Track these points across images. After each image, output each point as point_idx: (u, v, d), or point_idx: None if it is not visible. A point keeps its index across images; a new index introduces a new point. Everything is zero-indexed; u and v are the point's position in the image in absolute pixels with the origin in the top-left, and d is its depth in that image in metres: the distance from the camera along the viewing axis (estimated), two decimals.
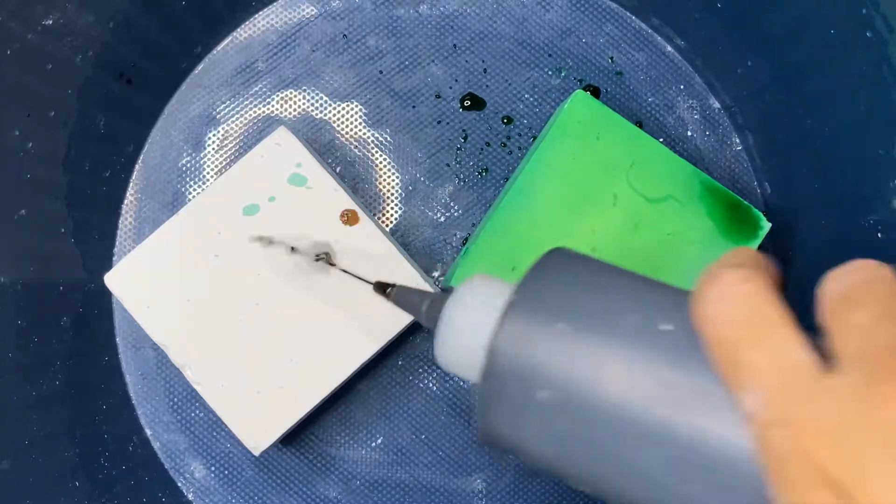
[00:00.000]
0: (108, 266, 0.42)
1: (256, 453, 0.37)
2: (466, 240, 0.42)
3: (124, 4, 0.38)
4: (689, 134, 0.42)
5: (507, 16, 0.43)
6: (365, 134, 0.42)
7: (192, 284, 0.38)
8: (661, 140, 0.42)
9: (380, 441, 0.41)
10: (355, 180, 0.42)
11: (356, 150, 0.42)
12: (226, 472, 0.41)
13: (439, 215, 0.42)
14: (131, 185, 0.43)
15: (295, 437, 0.41)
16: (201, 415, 0.42)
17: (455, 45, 0.43)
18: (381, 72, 0.43)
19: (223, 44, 0.43)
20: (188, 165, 0.43)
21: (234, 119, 0.43)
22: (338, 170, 0.42)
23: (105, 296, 0.42)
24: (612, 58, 0.42)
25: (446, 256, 0.42)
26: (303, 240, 0.38)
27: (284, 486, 0.41)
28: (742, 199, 0.37)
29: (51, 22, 0.35)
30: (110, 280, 0.38)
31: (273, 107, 0.43)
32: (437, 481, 0.41)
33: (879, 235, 0.31)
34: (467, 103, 0.42)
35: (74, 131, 0.39)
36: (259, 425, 0.37)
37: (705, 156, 0.42)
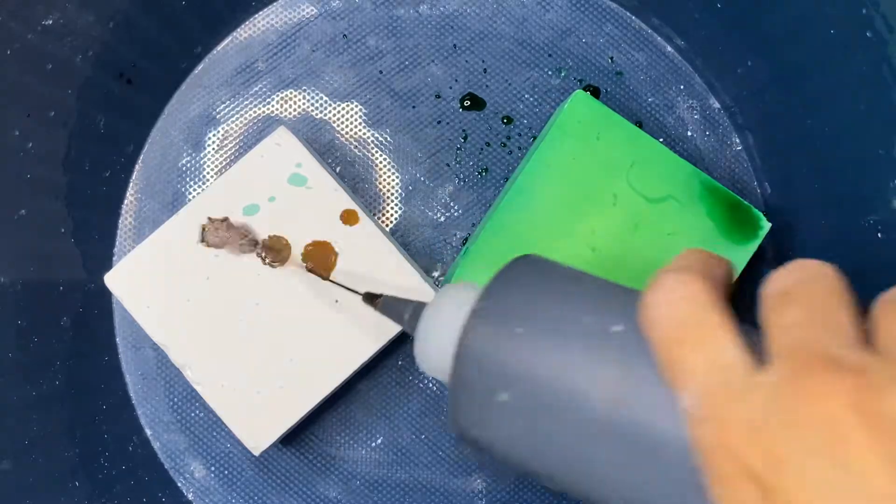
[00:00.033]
0: (108, 266, 0.42)
1: (256, 453, 0.37)
2: (466, 240, 0.42)
3: (124, 4, 0.38)
4: (689, 134, 0.42)
5: (507, 16, 0.43)
6: (365, 134, 0.42)
7: (192, 284, 0.38)
8: (661, 140, 0.42)
9: (380, 441, 0.41)
10: (355, 180, 0.42)
11: (356, 150, 0.42)
12: (226, 472, 0.41)
13: (439, 215, 0.42)
14: (131, 185, 0.43)
15: (295, 437, 0.41)
16: (201, 415, 0.42)
17: (455, 45, 0.43)
18: (381, 72, 0.43)
19: (223, 44, 0.43)
20: (188, 165, 0.43)
21: (234, 119, 0.43)
22: (338, 170, 0.42)
23: (105, 296, 0.42)
24: (612, 58, 0.42)
25: (446, 256, 0.42)
26: (301, 241, 0.38)
27: (284, 486, 0.41)
28: (742, 199, 0.37)
29: (51, 22, 0.35)
30: (110, 280, 0.38)
31: (273, 107, 0.43)
32: (437, 481, 0.41)
33: (879, 235, 0.31)
34: (467, 103, 0.42)
35: (74, 131, 0.39)
36: (259, 425, 0.37)
37: (705, 156, 0.42)
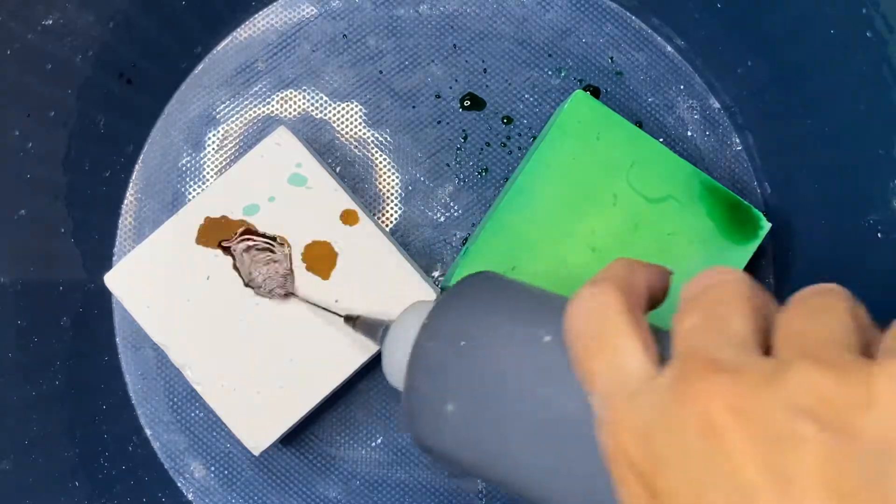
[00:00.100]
0: (108, 266, 0.42)
1: (256, 453, 0.37)
2: (466, 240, 0.42)
3: (124, 4, 0.38)
4: (689, 134, 0.42)
5: (507, 16, 0.43)
6: (365, 134, 0.42)
7: (192, 284, 0.38)
8: (661, 140, 0.42)
9: (380, 441, 0.41)
10: (355, 180, 0.42)
11: (356, 150, 0.42)
12: (226, 472, 0.41)
13: (439, 215, 0.42)
14: (131, 185, 0.43)
15: (295, 437, 0.41)
16: (201, 415, 0.42)
17: (455, 45, 0.43)
18: (381, 72, 0.43)
19: (223, 44, 0.43)
20: (188, 165, 0.43)
21: (234, 119, 0.43)
22: (338, 170, 0.42)
23: (105, 296, 0.42)
24: (612, 58, 0.42)
25: (446, 256, 0.42)
26: (301, 241, 0.38)
27: (284, 486, 0.41)
28: (742, 199, 0.37)
29: (51, 22, 0.35)
30: (110, 280, 0.38)
31: (273, 107, 0.43)
32: (437, 481, 0.41)
33: (879, 235, 0.31)
34: (467, 103, 0.42)
35: (74, 131, 0.39)
36: (259, 425, 0.37)
37: (705, 156, 0.42)
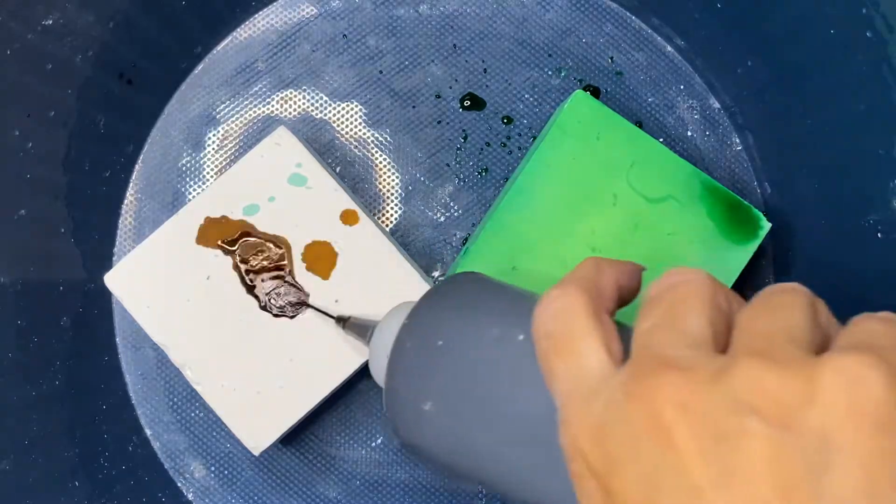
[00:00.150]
0: (108, 266, 0.42)
1: (256, 453, 0.37)
2: (466, 240, 0.42)
3: (124, 4, 0.38)
4: (689, 134, 0.42)
5: (507, 16, 0.43)
6: (365, 134, 0.42)
7: (192, 284, 0.38)
8: (661, 140, 0.42)
9: (380, 441, 0.41)
10: (355, 180, 0.42)
11: (356, 150, 0.42)
12: (226, 472, 0.41)
13: (439, 215, 0.42)
14: (131, 185, 0.43)
15: (295, 437, 0.41)
16: (201, 415, 0.42)
17: (455, 45, 0.43)
18: (381, 72, 0.43)
19: (223, 44, 0.43)
20: (188, 165, 0.43)
21: (234, 119, 0.43)
22: (338, 170, 0.42)
23: (105, 296, 0.42)
24: (612, 58, 0.42)
25: (446, 256, 0.42)
26: (301, 241, 0.38)
27: (284, 486, 0.41)
28: (742, 199, 0.37)
29: (51, 22, 0.35)
30: (110, 280, 0.38)
31: (273, 107, 0.43)
32: (437, 481, 0.41)
33: (879, 235, 0.31)
34: (467, 103, 0.42)
35: (74, 131, 0.39)
36: (259, 425, 0.37)
37: (705, 156, 0.42)
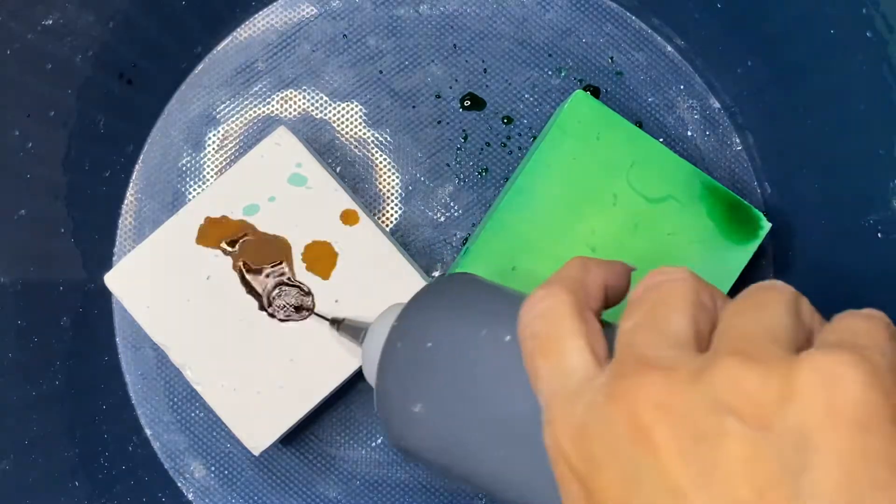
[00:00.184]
0: (108, 266, 0.42)
1: (256, 453, 0.37)
2: (466, 240, 0.42)
3: (124, 4, 0.38)
4: (689, 134, 0.42)
5: (507, 16, 0.43)
6: (365, 134, 0.42)
7: (192, 284, 0.38)
8: (661, 140, 0.42)
9: (380, 441, 0.41)
10: (355, 180, 0.42)
11: (356, 150, 0.42)
12: (226, 472, 0.41)
13: (439, 215, 0.42)
14: (131, 185, 0.43)
15: (295, 437, 0.41)
16: (201, 415, 0.42)
17: (455, 45, 0.43)
18: (381, 72, 0.43)
19: (223, 44, 0.43)
20: (188, 165, 0.43)
21: (234, 119, 0.43)
22: (338, 170, 0.42)
23: (105, 296, 0.42)
24: (612, 58, 0.42)
25: (446, 256, 0.42)
26: (301, 241, 0.38)
27: (284, 486, 0.41)
28: (742, 199, 0.37)
29: (51, 22, 0.35)
30: (110, 280, 0.38)
31: (273, 107, 0.43)
32: (437, 481, 0.41)
33: (879, 235, 0.31)
34: (467, 103, 0.42)
35: (74, 131, 0.39)
36: (259, 425, 0.37)
37: (705, 156, 0.42)
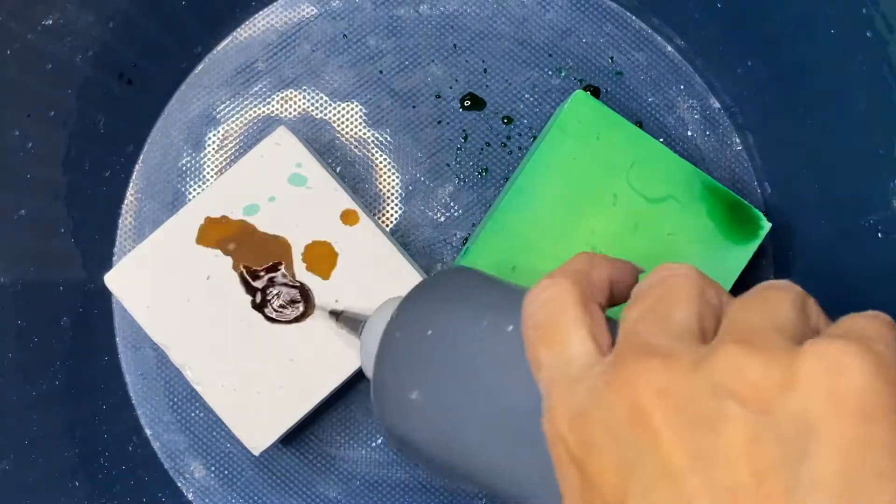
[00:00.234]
0: (108, 266, 0.42)
1: (256, 453, 0.37)
2: (466, 240, 0.42)
3: (124, 4, 0.38)
4: (689, 134, 0.42)
5: (507, 16, 0.43)
6: (365, 134, 0.42)
7: (192, 284, 0.38)
8: (661, 140, 0.42)
9: (380, 441, 0.41)
10: (355, 180, 0.42)
11: (356, 150, 0.42)
12: (226, 472, 0.41)
13: (439, 215, 0.42)
14: (131, 185, 0.43)
15: (295, 437, 0.41)
16: (201, 415, 0.42)
17: (455, 45, 0.43)
18: (381, 72, 0.43)
19: (223, 44, 0.43)
20: (188, 165, 0.43)
21: (234, 119, 0.43)
22: (338, 170, 0.42)
23: (105, 296, 0.42)
24: (612, 58, 0.42)
25: (446, 256, 0.42)
26: (301, 241, 0.38)
27: (284, 486, 0.41)
28: (742, 199, 0.37)
29: (51, 22, 0.35)
30: (110, 280, 0.38)
31: (273, 107, 0.43)
32: (437, 481, 0.41)
33: (879, 235, 0.31)
34: (467, 103, 0.42)
35: (74, 131, 0.39)
36: (259, 425, 0.37)
37: (705, 156, 0.42)
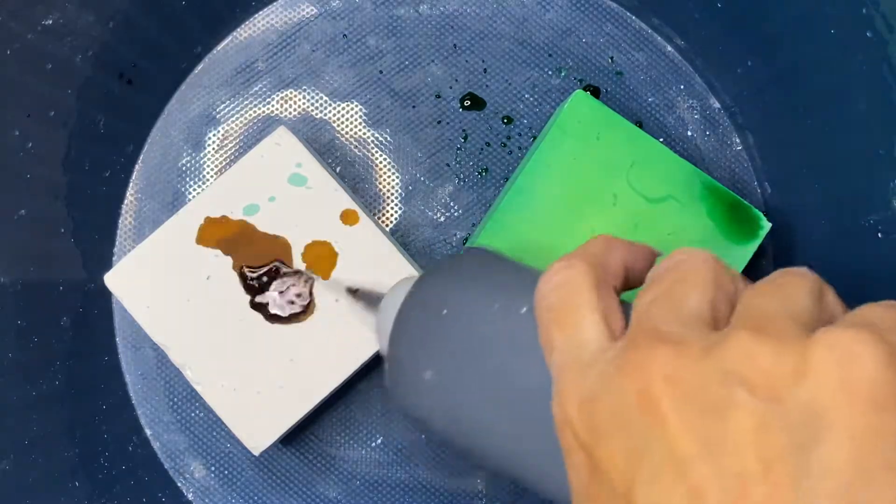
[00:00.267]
0: (108, 266, 0.42)
1: (256, 453, 0.37)
2: (466, 240, 0.42)
3: (124, 4, 0.38)
4: (689, 134, 0.42)
5: (507, 16, 0.43)
6: (365, 134, 0.42)
7: (192, 284, 0.38)
8: (661, 140, 0.42)
9: (380, 441, 0.41)
10: (355, 180, 0.42)
11: (356, 150, 0.42)
12: (226, 472, 0.41)
13: (439, 215, 0.42)
14: (131, 185, 0.43)
15: (295, 437, 0.41)
16: (201, 415, 0.42)
17: (455, 45, 0.43)
18: (381, 72, 0.43)
19: (223, 44, 0.43)
20: (188, 165, 0.43)
21: (234, 119, 0.43)
22: (338, 170, 0.42)
23: (105, 296, 0.42)
24: (612, 58, 0.42)
25: None
26: (301, 241, 0.38)
27: (284, 486, 0.41)
28: (742, 199, 0.37)
29: (51, 22, 0.35)
30: (110, 280, 0.38)
31: (273, 107, 0.43)
32: (437, 481, 0.41)
33: (879, 235, 0.31)
34: (467, 103, 0.42)
35: (74, 131, 0.39)
36: (259, 425, 0.37)
37: (705, 156, 0.42)
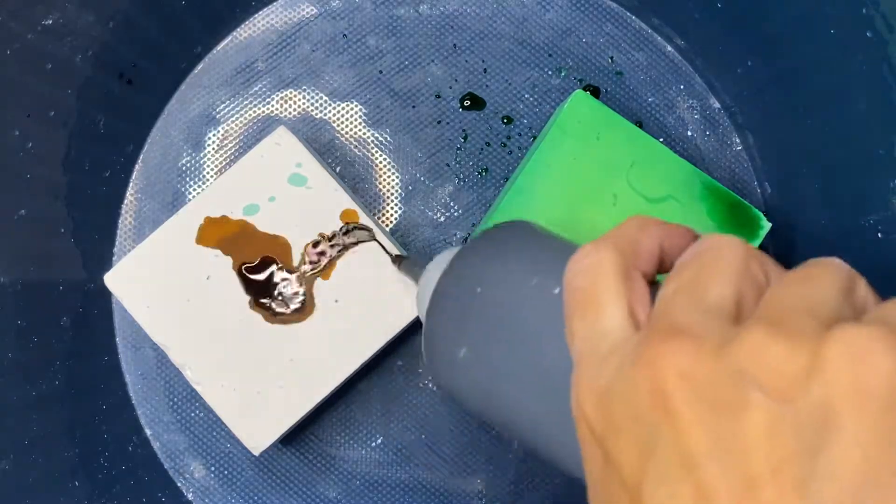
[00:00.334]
0: (108, 266, 0.42)
1: (256, 453, 0.37)
2: (466, 240, 0.42)
3: (124, 4, 0.38)
4: (689, 134, 0.42)
5: (507, 16, 0.43)
6: (365, 134, 0.42)
7: (192, 284, 0.38)
8: (661, 140, 0.42)
9: (380, 441, 0.41)
10: (355, 180, 0.42)
11: (356, 150, 0.42)
12: (226, 472, 0.41)
13: (439, 215, 0.42)
14: (131, 185, 0.43)
15: (295, 437, 0.41)
16: (201, 415, 0.42)
17: (455, 45, 0.43)
18: (381, 72, 0.43)
19: (223, 44, 0.43)
20: (188, 165, 0.43)
21: (234, 119, 0.43)
22: (338, 170, 0.42)
23: (105, 296, 0.42)
24: (612, 58, 0.42)
25: None
26: (301, 241, 0.38)
27: (284, 486, 0.41)
28: (742, 199, 0.37)
29: (51, 22, 0.35)
30: (110, 280, 0.38)
31: (273, 107, 0.43)
32: (437, 481, 0.41)
33: (879, 235, 0.31)
34: (467, 103, 0.42)
35: (74, 131, 0.39)
36: (259, 425, 0.37)
37: (705, 156, 0.42)
